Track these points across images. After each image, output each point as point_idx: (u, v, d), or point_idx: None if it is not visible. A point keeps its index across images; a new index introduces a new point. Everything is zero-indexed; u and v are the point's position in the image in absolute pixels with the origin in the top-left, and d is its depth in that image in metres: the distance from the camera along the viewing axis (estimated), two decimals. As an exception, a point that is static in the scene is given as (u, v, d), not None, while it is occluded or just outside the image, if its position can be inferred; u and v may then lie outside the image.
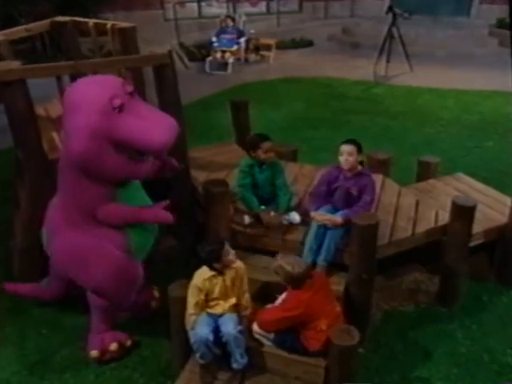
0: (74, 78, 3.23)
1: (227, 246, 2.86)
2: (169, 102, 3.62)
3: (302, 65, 9.70)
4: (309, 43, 11.06)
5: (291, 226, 3.57)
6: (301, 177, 4.27)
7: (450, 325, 3.59)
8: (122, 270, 3.10)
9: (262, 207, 3.63)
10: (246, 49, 9.87)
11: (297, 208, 3.68)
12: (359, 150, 3.33)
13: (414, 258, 3.81)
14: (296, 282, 2.83)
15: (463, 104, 7.63)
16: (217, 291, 2.94)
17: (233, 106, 4.90)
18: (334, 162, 3.47)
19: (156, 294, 3.71)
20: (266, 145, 3.52)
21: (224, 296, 2.97)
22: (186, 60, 9.51)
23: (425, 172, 4.46)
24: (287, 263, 2.87)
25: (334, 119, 7.14)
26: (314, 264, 3.29)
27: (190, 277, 2.98)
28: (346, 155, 3.29)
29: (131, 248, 3.15)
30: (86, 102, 2.72)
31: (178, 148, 3.66)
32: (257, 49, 10.05)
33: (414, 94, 8.05)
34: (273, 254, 3.38)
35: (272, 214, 3.58)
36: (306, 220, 3.49)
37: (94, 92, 2.74)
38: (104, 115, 2.70)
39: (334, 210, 3.41)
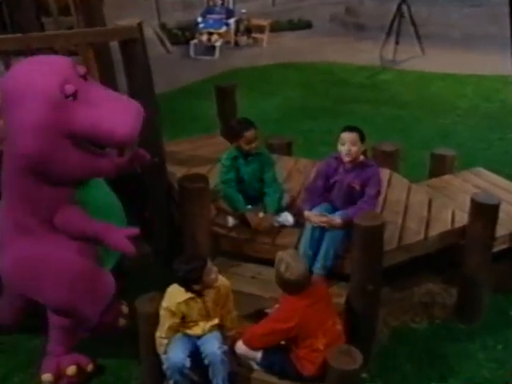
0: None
1: (210, 264, 2.79)
2: (138, 85, 3.53)
3: (300, 49, 9.71)
4: (307, 25, 11.09)
5: (283, 228, 3.53)
6: (295, 173, 4.22)
7: (470, 344, 3.54)
8: (88, 282, 2.98)
9: (249, 207, 3.58)
10: (236, 31, 9.94)
11: (290, 208, 3.62)
12: (362, 138, 3.26)
13: (428, 265, 3.79)
14: (292, 288, 2.73)
15: (482, 91, 7.61)
16: (195, 314, 2.88)
17: (218, 92, 4.86)
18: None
19: (125, 309, 3.62)
20: (249, 134, 3.44)
21: (204, 317, 2.91)
22: (167, 43, 9.59)
23: (439, 167, 4.44)
24: (291, 257, 2.75)
25: (334, 109, 7.09)
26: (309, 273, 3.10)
27: (164, 289, 2.92)
28: (349, 145, 3.22)
29: (98, 254, 3.04)
30: (31, 91, 2.53)
31: (152, 139, 3.65)
32: (248, 31, 10.10)
33: (426, 80, 8.06)
34: (261, 261, 3.39)
35: (260, 214, 3.53)
36: (300, 221, 3.44)
37: (40, 77, 2.55)
38: (55, 106, 2.54)
39: (333, 209, 3.34)
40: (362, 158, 3.31)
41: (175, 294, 2.84)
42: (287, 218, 3.57)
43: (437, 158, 4.47)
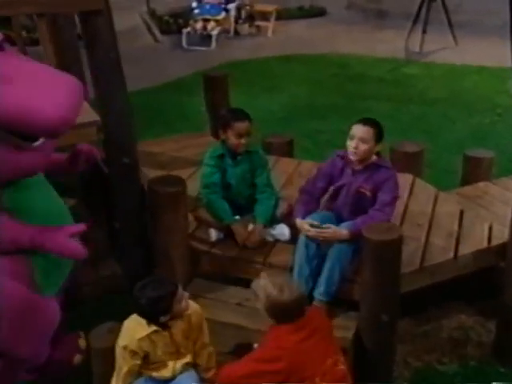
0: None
1: (181, 290, 2.68)
2: (101, 68, 3.40)
3: (310, 39, 9.77)
4: (321, 12, 11.18)
5: (278, 244, 3.50)
6: (297, 177, 4.15)
7: (511, 390, 3.46)
8: (24, 312, 2.77)
9: (237, 217, 3.53)
10: (237, 18, 10.05)
11: (286, 219, 3.54)
12: (378, 136, 3.17)
13: (458, 292, 3.76)
14: (282, 314, 2.64)
15: (526, 86, 7.73)
16: (161, 352, 2.77)
17: (206, 83, 4.86)
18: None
19: (82, 343, 3.40)
20: (240, 125, 3.37)
21: (173, 355, 2.81)
22: (156, 31, 9.71)
23: (473, 172, 4.37)
24: (274, 284, 2.64)
25: (348, 107, 7.03)
26: (308, 298, 3.11)
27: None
28: (358, 141, 3.13)
29: (37, 278, 2.83)
30: None
31: (120, 136, 3.56)
32: (251, 18, 10.21)
33: (459, 75, 8.08)
34: (250, 284, 3.24)
35: (250, 227, 3.47)
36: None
37: None
38: None
39: (338, 220, 3.26)
40: (374, 157, 3.23)
41: (134, 329, 2.71)
42: (283, 231, 3.51)
43: (471, 161, 4.38)
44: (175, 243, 3.32)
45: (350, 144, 3.16)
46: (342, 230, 3.11)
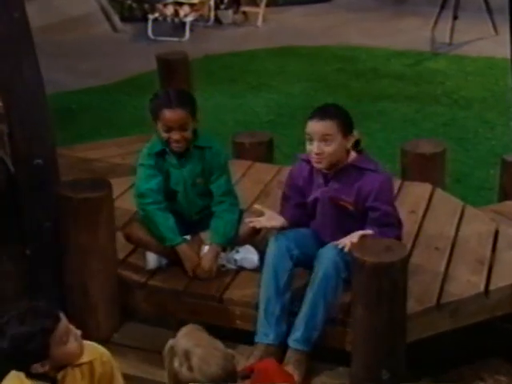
0: None
1: (65, 324, 2.47)
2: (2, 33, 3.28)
3: (310, 29, 9.77)
4: None
5: (242, 272, 3.45)
6: (275, 188, 4.07)
7: None
8: None
9: (186, 237, 3.48)
10: (219, 2, 10.04)
11: (253, 239, 3.50)
12: (346, 126, 3.15)
13: (492, 342, 3.59)
14: None
15: None
16: None
17: (162, 68, 4.95)
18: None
19: None
20: (168, 115, 3.31)
21: None
22: (115, 18, 9.70)
23: None
24: (184, 350, 2.31)
25: (355, 108, 6.85)
26: (280, 347, 3.08)
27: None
28: (319, 142, 3.07)
29: None
30: None
31: (31, 128, 3.42)
32: (236, 2, 10.16)
33: (499, 70, 7.83)
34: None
35: (204, 249, 3.42)
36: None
37: None
38: None
39: (318, 242, 3.24)
40: (352, 156, 3.19)
41: None
42: (249, 255, 3.44)
43: (510, 168, 4.36)
44: (96, 272, 3.25)
45: (311, 148, 3.10)
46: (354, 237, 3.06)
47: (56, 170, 3.65)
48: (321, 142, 3.06)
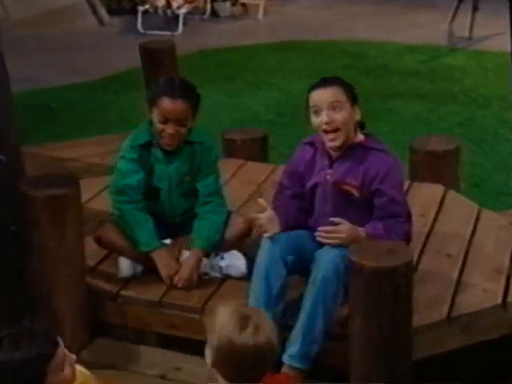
0: None
1: (62, 350, 2.45)
2: None
3: (315, 22, 9.86)
4: None
5: (227, 281, 3.42)
6: (269, 187, 4.03)
7: None
8: None
9: (167, 241, 3.46)
10: None
11: (240, 242, 3.49)
12: (352, 94, 3.15)
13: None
14: (233, 367, 2.32)
15: None
16: None
17: (146, 59, 5.15)
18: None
19: None
20: (167, 104, 3.26)
21: None
22: (102, 11, 9.73)
23: None
24: (233, 315, 2.34)
25: (364, 107, 6.96)
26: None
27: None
28: (329, 111, 3.05)
29: None
30: None
31: None
32: None
33: None
34: (180, 345, 3.30)
35: (185, 255, 3.37)
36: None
37: None
38: None
39: (315, 241, 3.13)
40: (359, 136, 3.18)
41: None
42: (235, 261, 3.40)
43: None
44: (62, 279, 3.20)
45: (319, 120, 3.06)
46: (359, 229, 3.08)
47: (21, 169, 3.64)
48: (329, 110, 3.05)
